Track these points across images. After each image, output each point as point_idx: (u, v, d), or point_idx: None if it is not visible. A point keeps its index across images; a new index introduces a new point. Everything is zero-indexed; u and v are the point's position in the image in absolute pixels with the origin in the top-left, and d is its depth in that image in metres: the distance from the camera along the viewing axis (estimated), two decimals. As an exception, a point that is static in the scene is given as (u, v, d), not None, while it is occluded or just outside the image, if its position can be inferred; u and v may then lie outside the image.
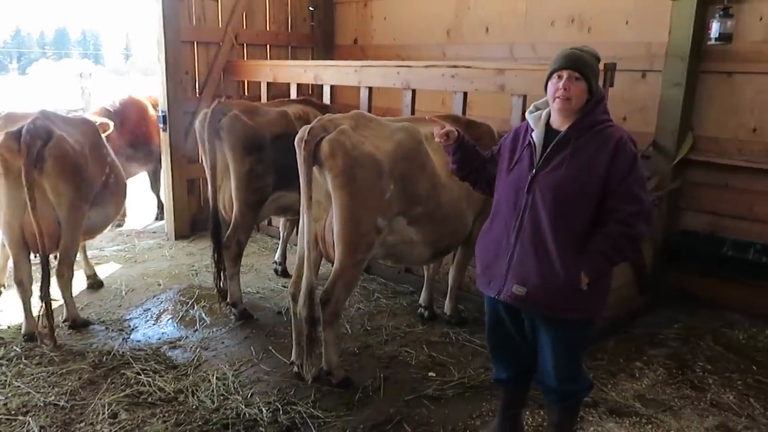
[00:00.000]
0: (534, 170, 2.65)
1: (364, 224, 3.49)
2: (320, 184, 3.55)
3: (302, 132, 3.48)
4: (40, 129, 3.89)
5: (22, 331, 4.21)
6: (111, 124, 4.90)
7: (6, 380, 3.68)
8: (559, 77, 2.60)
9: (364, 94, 5.56)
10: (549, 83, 2.67)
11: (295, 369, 3.81)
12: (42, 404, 3.46)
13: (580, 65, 2.59)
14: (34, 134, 3.83)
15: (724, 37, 4.57)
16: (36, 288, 4.14)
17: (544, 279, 2.61)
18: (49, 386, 3.64)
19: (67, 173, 4.03)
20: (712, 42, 4.64)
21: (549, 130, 2.70)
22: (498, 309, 2.88)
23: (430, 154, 3.77)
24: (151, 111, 6.96)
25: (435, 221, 3.84)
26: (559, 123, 2.69)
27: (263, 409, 3.46)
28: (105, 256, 6.06)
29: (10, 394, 3.55)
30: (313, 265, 3.69)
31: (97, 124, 4.64)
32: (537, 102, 2.85)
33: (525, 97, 4.39)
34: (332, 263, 3.69)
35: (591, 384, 2.90)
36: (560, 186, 2.58)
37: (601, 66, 3.84)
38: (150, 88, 7.82)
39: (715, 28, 4.58)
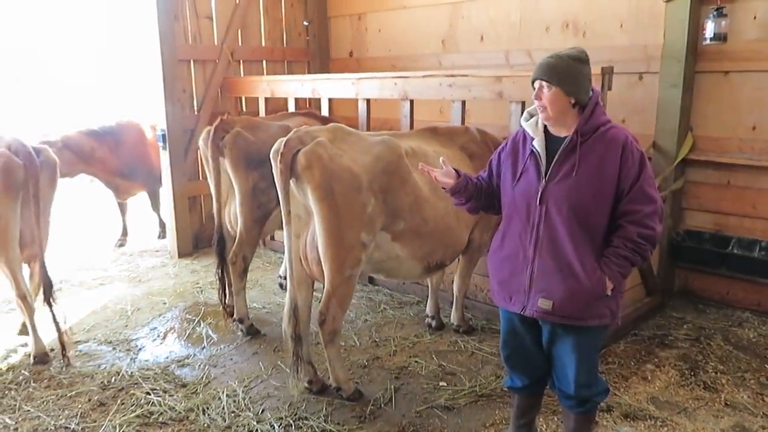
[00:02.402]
0: (544, 181, 2.62)
1: (348, 240, 3.41)
2: (298, 198, 3.49)
3: (278, 144, 3.40)
4: (27, 144, 4.09)
5: (33, 353, 4.19)
6: None
7: (16, 404, 3.66)
8: (534, 87, 2.62)
9: (362, 106, 5.58)
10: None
11: (305, 384, 3.79)
12: (53, 428, 3.43)
13: (548, 73, 2.56)
14: (28, 149, 4.03)
15: (719, 37, 4.60)
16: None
17: (570, 290, 2.58)
18: (59, 409, 3.62)
19: (54, 180, 4.31)
20: (707, 42, 4.67)
21: (549, 137, 2.67)
22: (513, 321, 2.85)
23: (411, 169, 3.67)
24: (148, 132, 6.99)
25: (421, 236, 3.74)
26: (555, 129, 2.66)
27: (275, 425, 3.44)
28: (109, 276, 6.05)
29: (20, 419, 3.52)
30: (298, 282, 3.64)
31: None
32: (530, 108, 2.80)
33: (523, 103, 4.40)
34: (318, 281, 3.65)
35: (607, 388, 2.86)
36: (574, 195, 2.55)
37: (598, 70, 3.95)
38: (146, 107, 7.84)
39: (709, 29, 4.61)
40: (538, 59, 2.71)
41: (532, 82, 2.64)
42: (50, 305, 4.06)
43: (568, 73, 2.56)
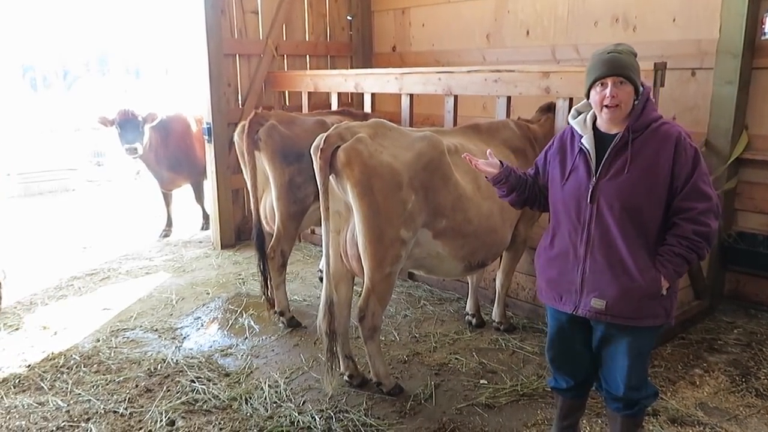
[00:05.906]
0: (594, 178, 2.58)
1: (388, 236, 3.37)
2: (338, 194, 3.49)
3: (318, 140, 3.37)
4: None
5: None
6: None
7: (67, 388, 3.79)
8: (603, 85, 2.51)
9: (405, 102, 5.56)
10: (592, 91, 2.57)
11: (346, 378, 3.81)
12: (102, 411, 3.54)
13: (622, 69, 2.49)
14: None
15: (780, 33, 4.43)
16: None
17: (624, 289, 2.53)
18: (108, 394, 3.73)
19: None
20: (767, 37, 4.49)
21: (598, 134, 2.63)
22: (562, 321, 2.80)
23: (453, 166, 3.60)
24: (193, 125, 7.12)
25: (464, 236, 3.69)
26: (607, 126, 2.61)
27: (316, 416, 3.47)
28: (155, 265, 6.20)
29: (71, 401, 3.64)
30: (338, 278, 3.65)
31: None
32: (577, 106, 2.75)
33: (571, 99, 4.32)
34: (358, 277, 3.65)
35: (656, 392, 2.80)
36: (626, 192, 2.50)
37: (650, 66, 3.85)
38: (190, 101, 7.99)
39: (769, 23, 4.44)
40: (586, 54, 2.66)
41: (599, 79, 2.52)
42: None
43: (635, 69, 2.54)
